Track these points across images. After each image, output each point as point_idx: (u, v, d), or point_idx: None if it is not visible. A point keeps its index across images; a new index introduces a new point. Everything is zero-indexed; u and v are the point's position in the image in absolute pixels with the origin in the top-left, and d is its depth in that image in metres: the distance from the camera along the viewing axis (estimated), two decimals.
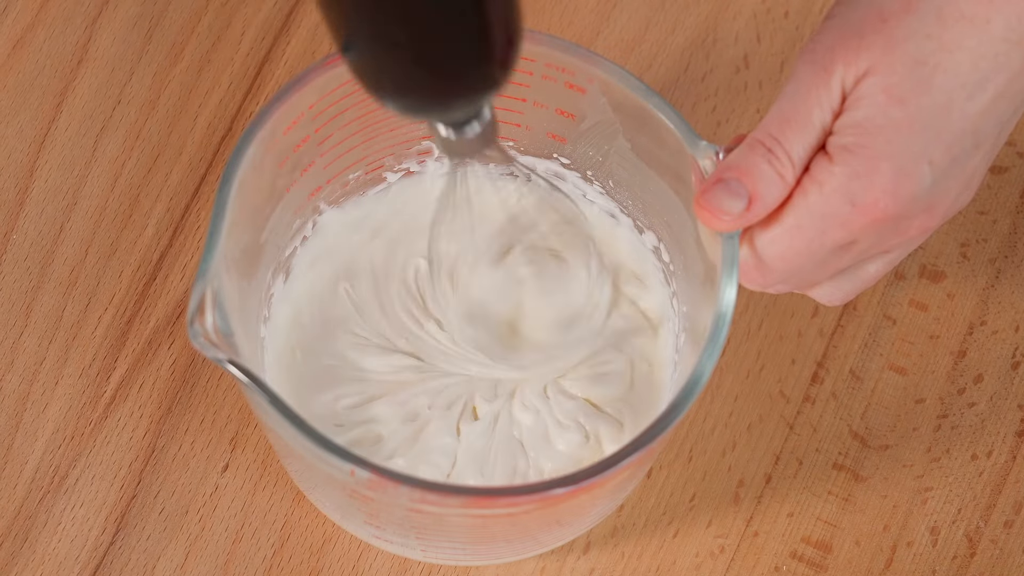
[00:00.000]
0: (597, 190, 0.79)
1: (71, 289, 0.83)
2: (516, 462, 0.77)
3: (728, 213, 0.67)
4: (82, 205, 0.85)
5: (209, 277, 0.66)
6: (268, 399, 0.66)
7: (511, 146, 0.79)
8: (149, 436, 0.81)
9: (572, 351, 0.78)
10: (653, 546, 0.81)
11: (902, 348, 0.84)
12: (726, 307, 0.68)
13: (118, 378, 0.82)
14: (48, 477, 0.81)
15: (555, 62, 0.72)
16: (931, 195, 0.67)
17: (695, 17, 0.90)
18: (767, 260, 0.68)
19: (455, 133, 0.64)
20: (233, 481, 0.81)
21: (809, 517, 0.82)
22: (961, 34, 0.65)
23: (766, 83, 0.88)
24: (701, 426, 0.83)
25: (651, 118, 0.71)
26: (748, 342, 0.84)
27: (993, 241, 0.86)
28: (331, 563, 0.80)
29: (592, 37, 0.89)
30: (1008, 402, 0.84)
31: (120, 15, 0.88)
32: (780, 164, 0.66)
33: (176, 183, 0.86)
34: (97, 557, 0.80)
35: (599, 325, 0.78)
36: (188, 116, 0.87)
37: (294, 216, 0.77)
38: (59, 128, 0.86)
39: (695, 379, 0.67)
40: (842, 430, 0.83)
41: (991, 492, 0.82)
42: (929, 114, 0.65)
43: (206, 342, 0.65)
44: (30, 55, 0.87)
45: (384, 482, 0.65)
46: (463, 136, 0.64)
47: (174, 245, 0.84)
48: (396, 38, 0.57)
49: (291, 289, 0.79)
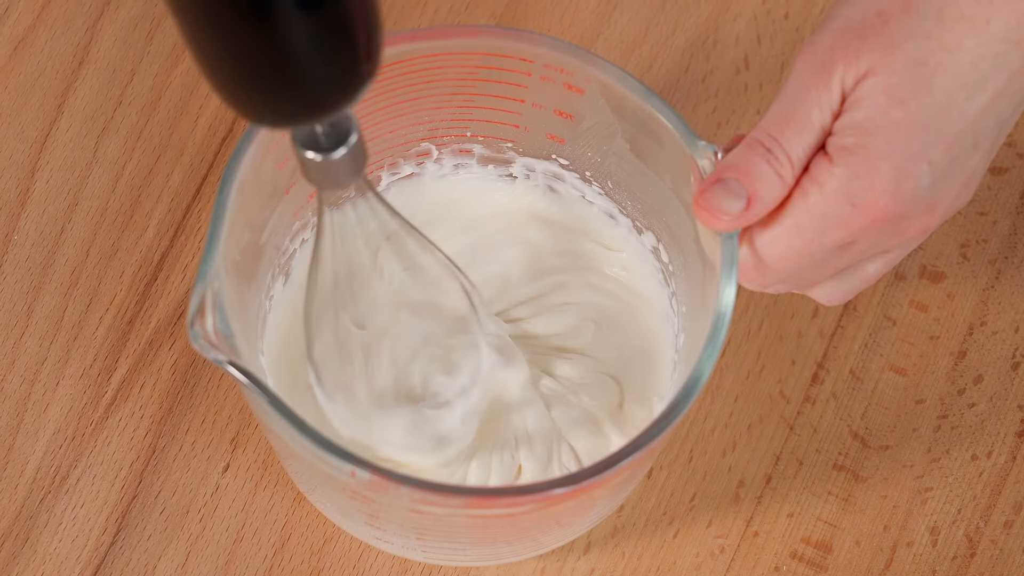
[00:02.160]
0: (596, 191, 0.80)
1: (72, 290, 0.84)
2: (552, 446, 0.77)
3: (727, 213, 0.67)
4: (83, 206, 0.85)
5: (209, 279, 0.66)
6: (268, 400, 0.66)
7: (509, 147, 0.79)
8: (150, 436, 0.82)
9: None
10: (653, 546, 0.81)
11: (902, 349, 0.84)
12: (725, 307, 0.68)
13: (119, 378, 0.82)
14: (49, 477, 0.81)
15: (553, 63, 0.73)
16: (931, 195, 0.67)
17: (695, 19, 0.90)
18: (767, 260, 0.68)
19: (320, 155, 0.60)
20: (234, 481, 0.81)
21: (809, 517, 0.82)
22: (961, 35, 0.65)
23: (766, 84, 0.88)
24: (701, 426, 0.83)
25: (649, 118, 0.71)
26: (748, 343, 0.84)
27: (993, 242, 0.86)
28: (331, 563, 0.80)
29: (592, 38, 0.89)
30: (1008, 403, 0.84)
31: (121, 16, 0.88)
32: (779, 164, 0.66)
33: (177, 184, 0.86)
34: (98, 557, 0.80)
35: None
36: (189, 117, 0.87)
37: (293, 218, 0.77)
38: (60, 129, 0.86)
39: (694, 379, 0.67)
40: (842, 430, 0.83)
41: (991, 492, 0.82)
42: (929, 114, 0.65)
43: (206, 344, 0.65)
44: (31, 56, 0.87)
45: (384, 482, 0.65)
46: (329, 160, 0.61)
47: (175, 246, 0.85)
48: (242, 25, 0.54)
49: (291, 291, 0.79)
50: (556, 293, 0.80)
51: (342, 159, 0.61)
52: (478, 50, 0.73)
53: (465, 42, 0.73)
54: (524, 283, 0.80)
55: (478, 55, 0.73)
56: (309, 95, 0.56)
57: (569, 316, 0.80)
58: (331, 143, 0.61)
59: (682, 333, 0.77)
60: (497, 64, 0.73)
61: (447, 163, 0.80)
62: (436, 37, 0.72)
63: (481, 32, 0.73)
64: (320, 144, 0.60)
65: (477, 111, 0.77)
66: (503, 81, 0.74)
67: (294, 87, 0.56)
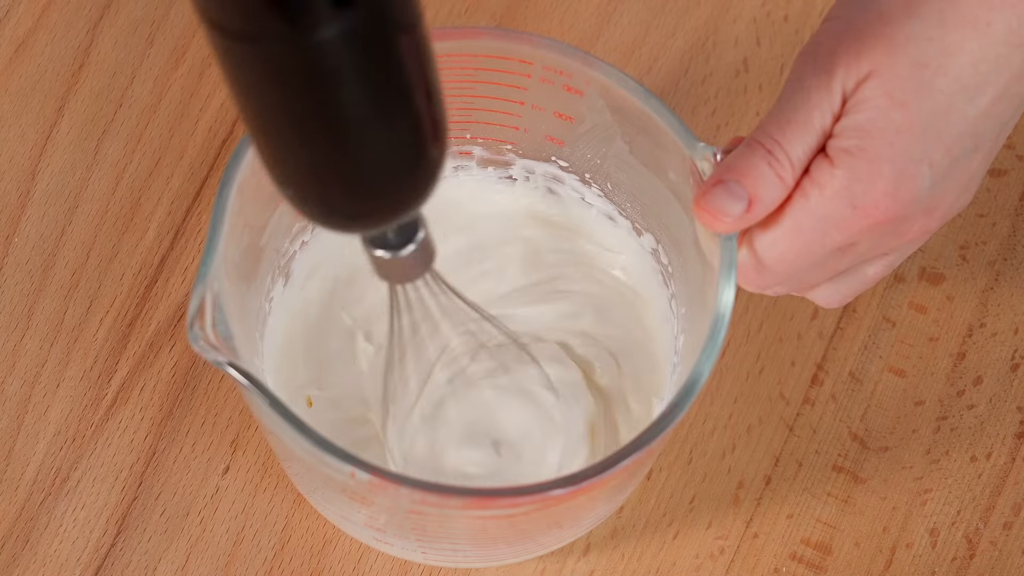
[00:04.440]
0: (595, 192, 0.80)
1: (72, 292, 0.84)
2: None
3: (728, 215, 0.67)
4: (83, 208, 0.85)
5: (209, 280, 0.66)
6: (268, 402, 0.66)
7: (509, 149, 0.79)
8: (150, 438, 0.82)
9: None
10: (653, 548, 0.81)
11: (901, 350, 0.84)
12: (724, 308, 0.68)
13: (119, 380, 0.82)
14: (49, 479, 0.81)
15: (553, 65, 0.73)
16: (931, 197, 0.67)
17: (695, 21, 0.90)
18: (766, 262, 0.68)
19: (389, 253, 0.62)
20: (234, 483, 0.81)
21: (809, 519, 0.82)
22: (962, 37, 0.65)
23: (766, 86, 0.88)
24: (701, 428, 0.83)
25: (648, 120, 0.71)
26: (748, 344, 0.84)
27: (992, 244, 0.86)
28: (332, 565, 0.80)
29: (592, 41, 0.89)
30: (1007, 404, 0.84)
31: (121, 19, 0.88)
32: (780, 166, 0.66)
33: (177, 186, 0.86)
34: (98, 559, 0.80)
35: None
36: (189, 120, 0.87)
37: (293, 220, 0.77)
38: (61, 132, 0.86)
39: (694, 380, 0.67)
40: (841, 432, 0.83)
41: (990, 494, 0.83)
42: (929, 117, 0.65)
43: (206, 345, 0.65)
44: (32, 59, 0.87)
45: (384, 484, 0.65)
46: (398, 257, 0.62)
47: (175, 248, 0.85)
48: (309, 140, 0.55)
49: (291, 293, 0.79)
50: (555, 282, 0.80)
51: (411, 255, 0.62)
52: (478, 52, 0.73)
53: (465, 44, 0.73)
54: (522, 274, 0.80)
55: (478, 57, 0.73)
56: (382, 204, 0.58)
57: (568, 303, 0.80)
58: (400, 241, 0.62)
59: (682, 334, 0.77)
60: (497, 66, 0.73)
61: (446, 165, 0.80)
62: (436, 39, 0.72)
63: (481, 34, 0.73)
64: (389, 243, 0.62)
65: (477, 113, 0.77)
66: (503, 83, 0.74)
67: (368, 197, 0.57)
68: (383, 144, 0.55)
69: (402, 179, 0.57)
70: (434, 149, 0.57)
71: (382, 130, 0.55)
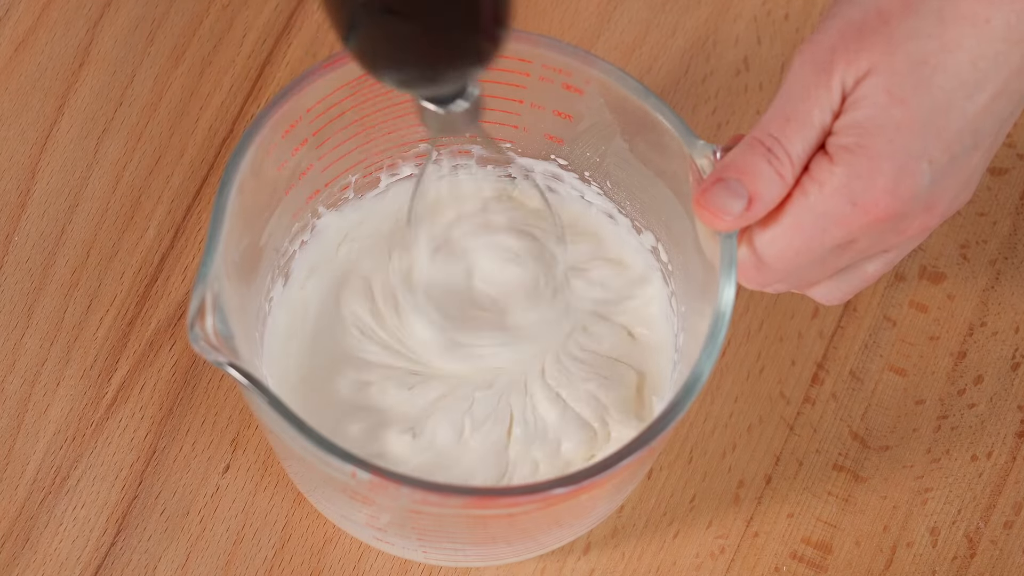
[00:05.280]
0: (595, 191, 0.80)
1: (72, 291, 0.84)
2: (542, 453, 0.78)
3: (728, 213, 0.67)
4: (84, 207, 0.85)
5: (209, 280, 0.66)
6: (268, 401, 0.66)
7: (509, 147, 0.79)
8: (150, 437, 0.82)
9: (548, 328, 0.78)
10: (653, 547, 0.81)
11: (902, 349, 0.84)
12: (725, 306, 0.68)
13: (119, 379, 0.82)
14: (49, 478, 0.81)
15: (552, 63, 0.73)
16: (930, 194, 0.67)
17: (695, 20, 0.90)
18: (766, 259, 0.68)
19: (442, 108, 0.65)
20: (234, 482, 0.81)
21: (809, 518, 0.82)
22: (961, 34, 0.65)
23: (766, 85, 0.88)
24: (701, 427, 0.83)
25: (648, 118, 0.71)
26: (748, 343, 0.84)
27: (993, 242, 0.86)
28: (332, 564, 0.80)
29: (593, 40, 0.89)
30: (1008, 403, 0.84)
31: (122, 17, 0.88)
32: (780, 164, 0.66)
33: (177, 185, 0.86)
34: (98, 558, 0.80)
35: (562, 301, 0.78)
36: (189, 118, 0.87)
37: (293, 220, 0.77)
38: (61, 130, 0.86)
39: (694, 379, 0.67)
40: (842, 431, 0.83)
41: (991, 493, 0.82)
42: (929, 114, 0.65)
43: (206, 345, 0.65)
44: (32, 57, 0.87)
45: (385, 483, 0.65)
46: (450, 111, 0.65)
47: (175, 247, 0.85)
48: (391, 7, 0.58)
49: (290, 293, 0.79)
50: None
51: (462, 111, 0.65)
52: None
53: None
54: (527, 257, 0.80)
55: None
56: (451, 67, 0.62)
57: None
58: (452, 96, 0.65)
59: (682, 333, 0.77)
60: (495, 64, 0.73)
61: (446, 164, 0.80)
62: None
63: None
64: (442, 98, 0.65)
65: None
66: (502, 81, 0.74)
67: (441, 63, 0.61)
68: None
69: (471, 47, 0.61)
70: (495, 16, 0.61)
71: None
